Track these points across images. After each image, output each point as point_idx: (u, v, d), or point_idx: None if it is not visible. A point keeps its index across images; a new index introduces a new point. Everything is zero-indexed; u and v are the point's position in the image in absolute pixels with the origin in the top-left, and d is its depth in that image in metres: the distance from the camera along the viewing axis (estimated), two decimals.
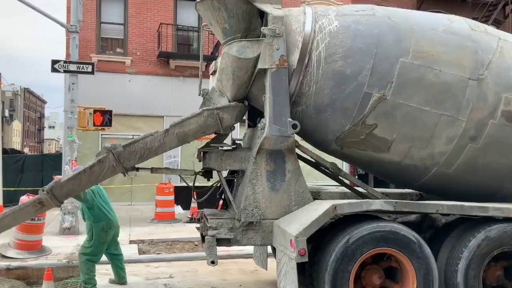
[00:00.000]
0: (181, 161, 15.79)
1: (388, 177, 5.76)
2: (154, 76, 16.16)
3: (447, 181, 5.25)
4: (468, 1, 19.64)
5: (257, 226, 5.04)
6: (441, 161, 5.06)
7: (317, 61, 4.93)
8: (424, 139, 4.98)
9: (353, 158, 5.45)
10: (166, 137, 5.08)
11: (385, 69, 4.85)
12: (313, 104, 5.03)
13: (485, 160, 5.07)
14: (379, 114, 4.88)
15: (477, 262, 4.79)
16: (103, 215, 6.07)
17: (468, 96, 4.91)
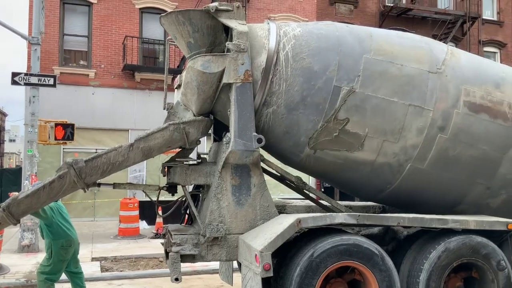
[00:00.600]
0: (146, 175, 15.56)
1: (359, 185, 5.55)
2: (118, 89, 15.94)
3: (420, 181, 5.22)
4: (428, 19, 20.40)
5: (222, 241, 5.00)
6: (414, 154, 5.10)
7: (285, 60, 5.03)
8: (395, 131, 5.06)
9: (326, 165, 5.27)
10: (130, 152, 5.00)
11: (350, 65, 5.02)
12: (284, 103, 5.03)
13: (455, 151, 5.17)
14: (350, 108, 4.98)
15: (437, 273, 4.89)
16: (62, 232, 5.89)
17: (430, 87, 5.13)
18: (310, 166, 5.38)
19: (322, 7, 19.02)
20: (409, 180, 5.24)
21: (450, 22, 20.06)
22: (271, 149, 5.41)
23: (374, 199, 5.85)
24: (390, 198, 5.56)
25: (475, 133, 5.22)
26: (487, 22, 21.67)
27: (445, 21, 20.11)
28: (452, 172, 5.25)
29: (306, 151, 5.17)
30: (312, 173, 5.77)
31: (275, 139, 5.20)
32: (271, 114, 5.09)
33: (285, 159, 5.55)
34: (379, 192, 5.48)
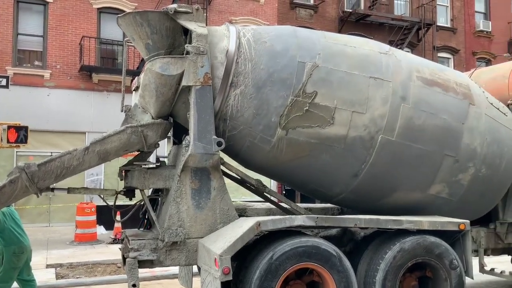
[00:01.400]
0: (104, 179, 15.21)
1: (334, 170, 5.33)
2: (75, 91, 15.53)
3: (393, 156, 5.25)
4: (385, 25, 20.97)
5: (181, 246, 4.94)
6: (383, 125, 5.17)
7: (247, 43, 5.14)
8: (362, 102, 5.16)
9: (299, 148, 5.14)
10: (85, 155, 4.86)
11: (309, 46, 5.24)
12: (251, 82, 5.01)
13: (420, 121, 5.31)
14: (316, 81, 5.07)
15: (393, 273, 5.01)
16: (15, 238, 5.67)
17: (385, 63, 5.40)
18: (282, 154, 5.19)
19: (283, 11, 19.22)
20: (382, 155, 5.22)
21: (406, 28, 20.70)
22: (238, 143, 5.20)
23: (347, 189, 5.51)
24: (365, 184, 5.37)
25: (433, 103, 5.44)
26: (441, 28, 22.51)
27: (402, 27, 20.74)
28: (421, 143, 5.33)
29: (278, 133, 5.06)
30: (282, 168, 5.45)
31: (245, 125, 5.08)
32: (239, 95, 5.02)
33: (254, 153, 5.29)
34: (354, 177, 5.31)
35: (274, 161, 5.31)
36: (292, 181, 5.84)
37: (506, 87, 6.81)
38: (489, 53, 23.33)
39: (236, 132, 5.12)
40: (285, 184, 6.37)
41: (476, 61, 22.80)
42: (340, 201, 5.82)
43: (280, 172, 5.56)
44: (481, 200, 5.94)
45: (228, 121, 5.08)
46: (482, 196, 5.89)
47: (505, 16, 24.07)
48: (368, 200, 5.61)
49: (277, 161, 5.30)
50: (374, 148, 5.21)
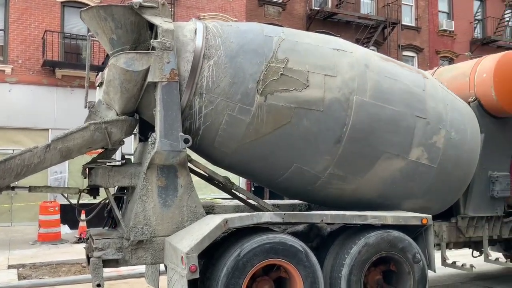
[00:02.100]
0: (69, 177, 14.84)
1: (316, 138, 5.26)
2: (38, 86, 15.08)
3: (370, 117, 5.33)
4: (352, 23, 21.26)
5: (147, 245, 4.87)
6: (355, 86, 5.31)
7: (214, 26, 5.27)
8: (331, 67, 5.32)
9: (279, 115, 5.08)
10: (47, 153, 4.72)
11: (272, 30, 5.51)
12: (224, 53, 5.04)
13: (386, 84, 5.52)
14: (286, 50, 5.22)
15: (358, 267, 5.10)
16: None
17: (343, 42, 5.80)
18: (263, 125, 5.08)
19: (251, 8, 19.20)
20: (359, 116, 5.29)
21: (372, 27, 21.05)
22: (216, 121, 5.04)
23: (332, 161, 5.34)
24: (349, 152, 5.32)
25: (393, 71, 5.74)
26: (406, 27, 23.00)
27: (368, 26, 21.07)
28: (392, 104, 5.50)
29: (256, 100, 5.01)
30: (263, 145, 5.20)
31: (222, 96, 4.98)
32: (213, 66, 4.99)
33: (234, 130, 5.08)
34: (337, 144, 5.25)
35: (254, 136, 5.13)
36: (274, 163, 5.38)
37: (467, 85, 7.01)
38: (451, 52, 24.01)
39: (213, 107, 5.00)
40: (262, 180, 5.84)
41: (439, 60, 23.43)
42: (327, 183, 5.49)
43: (261, 151, 5.24)
44: (457, 171, 6.05)
45: (204, 95, 4.99)
46: (457, 165, 6.02)
47: (467, 16, 24.82)
48: (355, 172, 5.48)
49: (258, 134, 5.13)
50: (351, 109, 5.28)
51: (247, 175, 6.02)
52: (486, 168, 6.79)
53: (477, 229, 6.89)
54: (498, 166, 6.89)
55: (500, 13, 25.31)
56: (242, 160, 5.36)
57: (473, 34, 24.98)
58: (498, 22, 25.11)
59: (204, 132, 5.12)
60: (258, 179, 5.90)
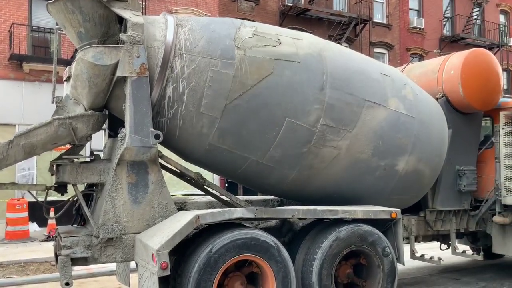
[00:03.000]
0: (37, 173, 14.47)
1: (298, 83, 5.30)
2: (4, 81, 14.62)
3: (343, 67, 5.62)
4: (324, 20, 21.41)
5: (117, 242, 4.80)
6: (321, 45, 5.68)
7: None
8: (295, 36, 5.67)
9: (260, 64, 5.15)
10: (10, 149, 4.58)
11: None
12: (196, 24, 5.23)
13: (346, 50, 6.18)
14: (251, 26, 5.49)
15: (329, 261, 5.16)
16: None
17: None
18: (247, 76, 5.06)
19: (224, 3, 19.11)
20: (334, 66, 5.52)
21: (344, 24, 21.26)
22: (200, 82, 4.98)
23: (322, 110, 5.33)
24: (335, 99, 5.41)
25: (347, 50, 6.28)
26: (377, 25, 23.31)
27: (340, 22, 21.26)
28: (357, 62, 5.86)
29: (237, 54, 5.05)
30: (252, 98, 5.12)
31: (203, 54, 4.97)
32: (188, 31, 5.09)
33: (220, 86, 5.00)
34: (322, 91, 5.32)
35: (242, 89, 5.05)
36: (266, 121, 5.19)
37: (435, 82, 7.16)
38: (421, 49, 24.48)
39: (195, 66, 4.94)
40: (255, 147, 5.32)
41: (410, 57, 23.85)
42: (322, 139, 5.38)
43: (251, 106, 5.11)
44: (433, 125, 6.24)
45: (184, 55, 4.95)
46: (432, 119, 6.25)
47: (436, 13, 25.34)
48: (346, 123, 5.48)
49: (244, 87, 5.06)
50: (325, 61, 5.48)
51: (239, 146, 5.28)
52: (453, 163, 6.96)
53: (444, 222, 7.06)
54: (465, 161, 7.07)
55: (469, 11, 25.94)
56: (233, 123, 5.10)
57: (443, 32, 25.53)
58: (466, 20, 25.73)
59: (189, 96, 4.94)
60: (251, 148, 5.29)
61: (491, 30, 26.37)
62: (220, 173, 6.16)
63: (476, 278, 7.90)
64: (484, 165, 7.26)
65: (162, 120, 5.05)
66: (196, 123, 5.05)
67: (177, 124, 5.05)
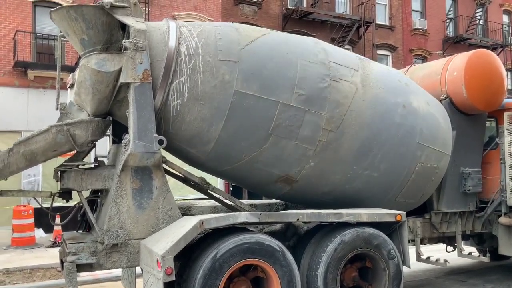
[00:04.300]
0: (43, 180, 14.53)
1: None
2: (9, 88, 14.70)
3: None
4: (327, 23, 21.39)
5: (122, 248, 4.81)
6: None
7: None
8: None
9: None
10: (10, 157, 4.61)
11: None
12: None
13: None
14: None
15: (334, 265, 5.14)
16: None
17: None
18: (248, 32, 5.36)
19: (227, 7, 19.14)
20: None
21: (347, 26, 21.23)
22: None
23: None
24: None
25: None
26: (380, 26, 23.27)
27: (343, 25, 21.24)
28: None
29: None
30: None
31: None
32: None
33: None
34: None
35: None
36: (281, 61, 5.30)
37: (438, 83, 7.14)
38: (425, 50, 24.40)
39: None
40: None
41: (413, 58, 23.80)
42: (336, 74, 5.53)
43: (263, 50, 5.31)
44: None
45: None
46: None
47: (439, 14, 25.27)
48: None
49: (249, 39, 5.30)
50: None
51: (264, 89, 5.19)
52: (458, 165, 6.94)
53: (450, 224, 7.03)
54: (470, 162, 7.04)
55: (472, 12, 25.85)
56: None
57: (446, 33, 25.44)
58: (469, 20, 25.64)
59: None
60: (277, 91, 5.22)
61: (495, 30, 26.26)
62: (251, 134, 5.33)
63: (483, 280, 7.85)
64: (489, 166, 7.23)
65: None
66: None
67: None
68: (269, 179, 5.55)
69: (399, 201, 6.13)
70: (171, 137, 5.09)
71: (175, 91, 4.98)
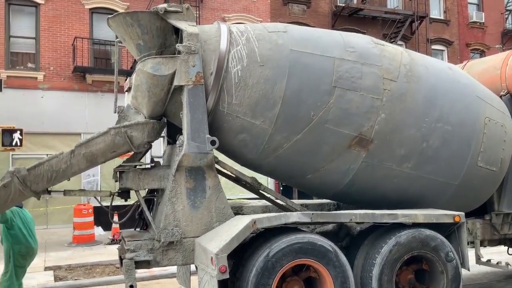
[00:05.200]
0: (101, 180, 15.17)
1: None
2: (69, 92, 15.48)
3: None
4: (378, 19, 20.94)
5: (177, 246, 4.94)
6: None
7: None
8: None
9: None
10: (72, 158, 4.86)
11: None
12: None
13: None
14: None
15: (389, 267, 5.03)
16: (22, 238, 5.75)
17: None
18: None
19: (275, 7, 19.17)
20: None
21: (400, 22, 20.69)
22: None
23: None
24: None
25: None
26: (434, 21, 22.50)
27: (395, 20, 20.72)
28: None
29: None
30: None
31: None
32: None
33: None
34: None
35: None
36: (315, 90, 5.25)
37: (498, 78, 6.82)
38: (483, 44, 23.35)
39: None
40: None
41: (470, 53, 22.83)
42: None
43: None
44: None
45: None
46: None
47: (497, 6, 24.09)
48: None
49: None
50: None
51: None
52: None
53: None
54: None
55: None
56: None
57: (505, 25, 24.23)
58: None
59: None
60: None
61: None
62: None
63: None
64: None
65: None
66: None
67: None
68: (342, 144, 5.26)
69: (481, 167, 5.80)
70: (234, 110, 5.06)
71: (234, 58, 5.06)
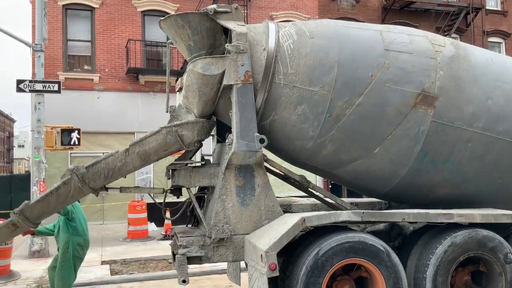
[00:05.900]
0: (154, 177, 15.63)
1: None
2: (123, 92, 16.03)
3: None
4: (431, 11, 20.26)
5: (228, 242, 5.01)
6: None
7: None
8: None
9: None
10: (127, 157, 5.05)
11: None
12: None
13: None
14: None
15: (444, 268, 4.88)
16: (81, 230, 6.03)
17: None
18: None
19: (324, 3, 18.97)
20: None
21: (454, 14, 19.92)
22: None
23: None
24: None
25: None
26: (490, 12, 21.50)
27: (448, 12, 19.97)
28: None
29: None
30: None
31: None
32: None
33: None
34: None
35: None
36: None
37: None
38: None
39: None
40: None
41: None
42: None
43: None
44: None
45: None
46: None
47: None
48: None
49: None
50: None
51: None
52: None
53: None
54: None
55: None
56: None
57: None
58: None
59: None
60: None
61: None
62: None
63: None
64: None
65: None
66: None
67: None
68: (407, 104, 5.08)
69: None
70: (291, 79, 5.04)
71: (284, 35, 5.16)
